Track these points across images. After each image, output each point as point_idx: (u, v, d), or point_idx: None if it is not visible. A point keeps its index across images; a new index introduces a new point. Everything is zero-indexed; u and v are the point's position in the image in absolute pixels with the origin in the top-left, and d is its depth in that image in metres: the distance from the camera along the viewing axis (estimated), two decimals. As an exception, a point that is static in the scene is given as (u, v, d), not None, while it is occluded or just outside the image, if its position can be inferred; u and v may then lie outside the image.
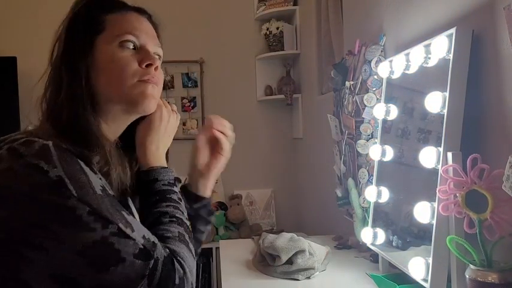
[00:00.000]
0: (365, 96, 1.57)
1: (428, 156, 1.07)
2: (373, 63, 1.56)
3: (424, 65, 1.18)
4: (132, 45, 0.83)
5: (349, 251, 1.69)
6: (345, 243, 1.77)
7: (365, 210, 1.58)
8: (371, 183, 1.49)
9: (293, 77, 3.25)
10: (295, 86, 3.17)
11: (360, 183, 1.63)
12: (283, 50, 3.14)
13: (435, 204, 1.03)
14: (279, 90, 3.22)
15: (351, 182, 1.70)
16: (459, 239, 0.95)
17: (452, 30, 1.06)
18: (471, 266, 0.93)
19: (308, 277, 1.40)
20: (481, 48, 1.05)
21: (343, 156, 1.81)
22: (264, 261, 1.50)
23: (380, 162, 1.45)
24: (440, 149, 1.05)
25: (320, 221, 2.69)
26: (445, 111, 1.05)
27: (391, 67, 1.39)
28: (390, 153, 1.39)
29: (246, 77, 3.33)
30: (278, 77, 3.29)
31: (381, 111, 1.42)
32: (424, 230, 1.14)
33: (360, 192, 1.62)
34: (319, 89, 2.68)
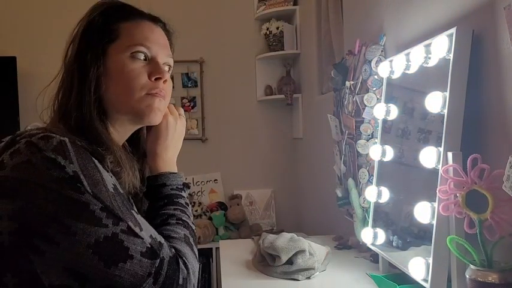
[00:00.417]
0: (365, 96, 1.57)
1: (429, 156, 1.07)
2: (373, 63, 1.56)
3: (424, 65, 1.18)
4: (143, 56, 0.84)
5: (349, 251, 1.69)
6: (345, 243, 1.77)
7: (365, 210, 1.58)
8: (371, 183, 1.49)
9: (293, 77, 3.25)
10: (295, 86, 3.17)
11: (360, 183, 1.63)
12: (283, 50, 3.14)
13: (435, 204, 1.03)
14: (279, 90, 3.22)
15: (351, 182, 1.70)
16: (459, 239, 0.95)
17: (453, 30, 1.05)
18: (471, 266, 0.93)
19: (308, 277, 1.40)
20: (481, 48, 1.05)
21: (343, 156, 1.81)
22: (264, 261, 1.50)
23: (380, 162, 1.45)
24: (441, 149, 1.04)
25: (320, 221, 2.69)
26: (445, 111, 1.04)
27: (391, 67, 1.39)
28: (390, 153, 1.39)
29: (246, 77, 3.33)
30: (278, 77, 3.29)
31: (381, 111, 1.42)
32: (424, 230, 1.14)
33: (360, 192, 1.61)
34: (319, 89, 2.68)
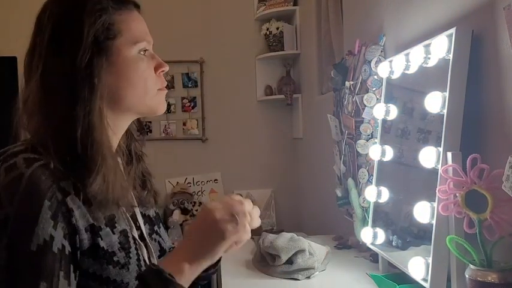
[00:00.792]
0: (365, 96, 1.57)
1: (428, 156, 1.07)
2: (373, 63, 1.56)
3: (424, 65, 1.18)
4: (144, 52, 0.81)
5: (349, 251, 1.69)
6: (345, 243, 1.77)
7: (365, 210, 1.58)
8: (371, 183, 1.49)
9: (293, 77, 3.25)
10: (295, 86, 3.17)
11: (360, 183, 1.63)
12: (283, 50, 3.14)
13: (435, 204, 1.03)
14: (279, 90, 3.22)
15: (350, 182, 1.70)
16: (459, 238, 0.95)
17: (452, 30, 1.06)
18: (471, 265, 0.93)
19: (308, 277, 1.40)
20: (481, 48, 1.05)
21: (343, 156, 1.81)
22: (264, 261, 1.50)
23: (380, 162, 1.45)
24: (440, 149, 1.04)
25: (320, 221, 2.69)
26: (445, 111, 1.05)
27: (391, 67, 1.39)
28: (390, 153, 1.39)
29: (246, 77, 3.33)
30: (278, 77, 3.29)
31: (381, 111, 1.42)
32: (424, 229, 1.14)
33: (360, 192, 1.61)
34: (319, 89, 2.68)
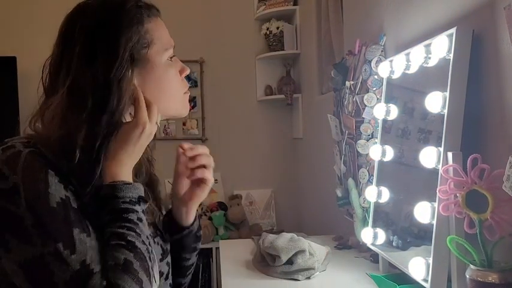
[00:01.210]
0: (365, 96, 1.57)
1: (429, 156, 1.07)
2: (373, 63, 1.56)
3: (425, 65, 1.18)
4: (171, 58, 0.84)
5: (350, 251, 1.69)
6: (345, 243, 1.77)
7: (365, 210, 1.58)
8: (371, 183, 1.49)
9: (293, 77, 3.25)
10: (295, 86, 3.17)
11: (360, 183, 1.63)
12: (283, 49, 3.14)
13: (435, 204, 1.03)
14: (279, 90, 3.22)
15: (351, 182, 1.69)
16: (459, 239, 0.95)
17: (453, 30, 1.05)
18: (471, 266, 0.93)
19: (308, 277, 1.40)
20: (482, 48, 1.05)
21: (343, 156, 1.80)
22: (264, 262, 1.50)
23: (380, 162, 1.44)
24: (441, 149, 1.04)
25: (320, 221, 2.69)
26: (446, 111, 1.04)
27: (391, 67, 1.39)
28: (390, 153, 1.39)
29: (246, 77, 3.33)
30: (278, 77, 3.29)
31: (381, 111, 1.42)
32: (424, 230, 1.14)
33: (360, 192, 1.61)
34: (319, 89, 2.68)
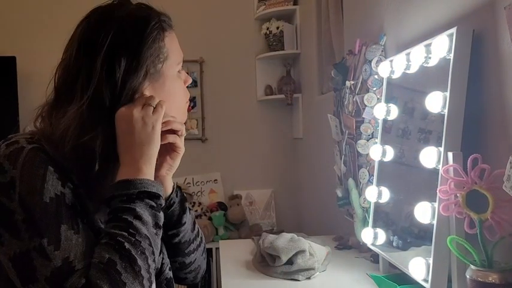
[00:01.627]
0: (365, 96, 1.57)
1: (429, 156, 1.07)
2: (373, 63, 1.56)
3: (425, 65, 1.18)
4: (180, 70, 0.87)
5: (350, 252, 1.69)
6: (345, 243, 1.77)
7: (365, 210, 1.58)
8: (371, 183, 1.49)
9: (293, 77, 3.24)
10: (295, 85, 3.16)
11: (361, 183, 1.63)
12: (284, 49, 3.14)
13: (436, 205, 1.03)
14: (279, 90, 3.22)
15: (351, 182, 1.69)
16: (460, 239, 0.95)
17: (453, 30, 1.05)
18: (472, 266, 0.92)
19: (308, 277, 1.39)
20: (482, 47, 1.05)
21: (343, 156, 1.80)
22: (264, 262, 1.49)
23: (380, 162, 1.44)
24: (441, 149, 1.04)
25: (320, 221, 2.69)
26: (446, 111, 1.04)
27: (391, 67, 1.39)
28: (391, 153, 1.39)
29: (246, 76, 3.33)
30: (278, 77, 3.29)
31: (382, 111, 1.42)
32: (424, 230, 1.14)
33: (361, 193, 1.61)
34: (319, 89, 2.67)
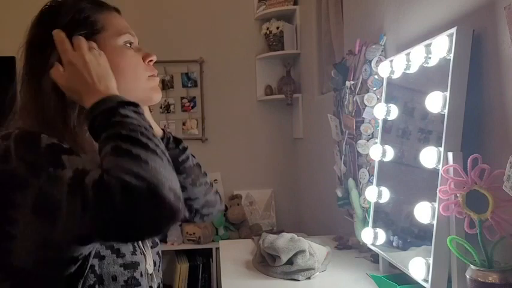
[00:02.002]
0: (365, 96, 1.57)
1: (429, 156, 1.07)
2: (373, 63, 1.56)
3: (425, 65, 1.18)
4: (130, 44, 0.86)
5: (350, 252, 1.69)
6: (345, 243, 1.77)
7: (365, 210, 1.58)
8: (371, 183, 1.49)
9: (293, 77, 3.24)
10: (295, 85, 3.16)
11: (361, 183, 1.63)
12: (283, 49, 3.14)
13: (436, 205, 1.03)
14: (279, 90, 3.22)
15: (351, 182, 1.69)
16: (460, 239, 0.95)
17: (453, 30, 1.05)
18: (472, 266, 0.93)
19: (308, 277, 1.40)
20: (482, 48, 1.05)
21: (343, 156, 1.80)
22: (264, 262, 1.50)
23: (380, 162, 1.44)
24: (441, 149, 1.04)
25: (320, 221, 2.69)
26: (446, 111, 1.04)
27: (391, 67, 1.39)
28: (391, 153, 1.39)
29: (246, 76, 3.33)
30: (278, 77, 3.29)
31: (382, 111, 1.42)
32: (424, 230, 1.14)
33: (360, 193, 1.61)
34: (319, 89, 2.68)
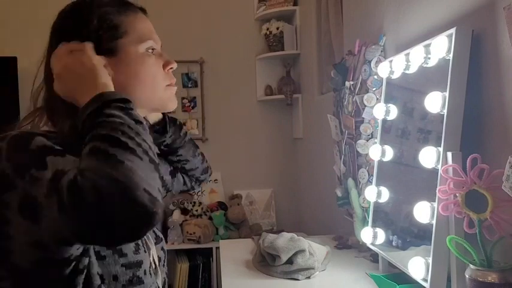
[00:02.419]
0: (365, 96, 1.57)
1: (428, 156, 1.07)
2: (373, 63, 1.56)
3: (424, 65, 1.18)
4: (152, 50, 0.85)
5: (349, 251, 1.70)
6: (345, 243, 1.77)
7: (365, 210, 1.58)
8: (371, 183, 1.49)
9: (293, 77, 3.24)
10: (295, 86, 3.17)
11: (360, 183, 1.63)
12: (283, 50, 3.14)
13: (435, 204, 1.03)
14: (279, 90, 3.22)
15: (351, 182, 1.70)
16: (459, 239, 0.96)
17: (452, 30, 1.06)
18: (471, 265, 0.93)
19: (308, 277, 1.40)
20: (481, 48, 1.05)
21: (343, 156, 1.81)
22: (264, 261, 1.50)
23: (380, 162, 1.45)
24: (440, 149, 1.05)
25: (320, 221, 2.69)
26: (445, 111, 1.05)
27: (391, 67, 1.39)
28: (390, 153, 1.39)
29: (246, 77, 3.33)
30: (278, 77, 3.29)
31: (381, 111, 1.43)
32: (424, 229, 1.14)
33: (360, 192, 1.62)
34: (319, 89, 2.68)
